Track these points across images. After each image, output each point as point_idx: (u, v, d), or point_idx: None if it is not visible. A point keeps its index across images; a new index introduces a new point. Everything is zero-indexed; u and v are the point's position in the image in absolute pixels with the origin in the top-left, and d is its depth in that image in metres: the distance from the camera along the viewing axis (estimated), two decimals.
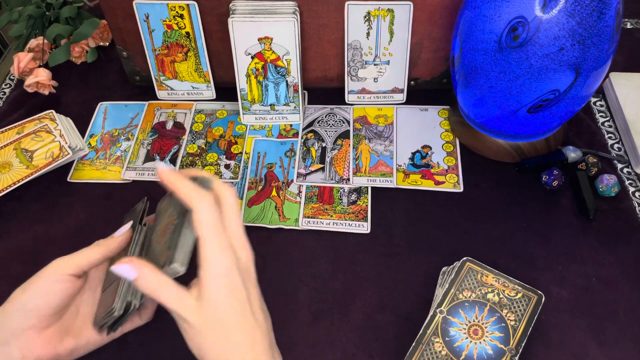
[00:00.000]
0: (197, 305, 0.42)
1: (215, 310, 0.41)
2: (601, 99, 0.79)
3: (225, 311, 0.42)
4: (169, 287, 0.42)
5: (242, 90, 0.73)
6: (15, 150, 0.70)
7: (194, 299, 0.42)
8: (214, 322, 0.41)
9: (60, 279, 0.47)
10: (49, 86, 0.81)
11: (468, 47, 0.61)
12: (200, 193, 0.43)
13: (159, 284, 0.42)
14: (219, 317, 0.42)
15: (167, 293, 0.42)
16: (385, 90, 0.77)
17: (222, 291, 0.42)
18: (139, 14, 0.71)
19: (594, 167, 0.68)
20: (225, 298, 0.42)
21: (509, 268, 0.59)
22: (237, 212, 0.45)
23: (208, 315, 0.41)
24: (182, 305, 0.42)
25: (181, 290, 0.42)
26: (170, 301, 0.42)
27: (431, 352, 0.51)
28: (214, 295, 0.41)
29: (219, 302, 0.42)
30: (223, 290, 0.42)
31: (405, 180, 0.69)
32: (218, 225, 0.42)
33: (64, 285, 0.47)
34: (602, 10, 0.54)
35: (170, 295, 0.42)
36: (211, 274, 0.42)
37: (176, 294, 0.42)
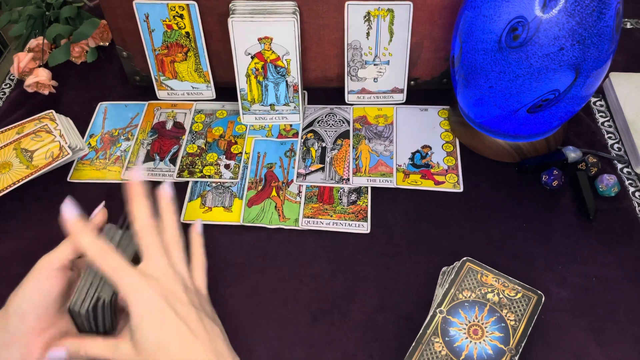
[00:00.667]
0: (131, 345, 0.44)
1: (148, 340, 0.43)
2: (601, 99, 0.79)
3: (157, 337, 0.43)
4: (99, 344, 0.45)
5: (242, 90, 0.73)
6: (15, 150, 0.70)
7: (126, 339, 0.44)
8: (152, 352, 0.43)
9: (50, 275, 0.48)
10: (49, 86, 0.81)
11: (468, 47, 0.61)
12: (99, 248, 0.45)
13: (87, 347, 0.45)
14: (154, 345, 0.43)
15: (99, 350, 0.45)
16: (385, 90, 0.77)
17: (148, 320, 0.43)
18: (139, 14, 0.71)
19: (594, 167, 0.68)
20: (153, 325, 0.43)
21: (509, 268, 0.59)
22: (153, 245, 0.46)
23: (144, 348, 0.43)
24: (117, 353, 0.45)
25: (111, 342, 0.45)
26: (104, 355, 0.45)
27: (431, 352, 0.51)
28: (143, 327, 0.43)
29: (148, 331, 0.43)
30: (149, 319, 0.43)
31: (405, 180, 0.69)
32: (123, 266, 0.44)
33: (55, 280, 0.48)
34: (602, 10, 0.54)
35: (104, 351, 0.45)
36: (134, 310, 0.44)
37: (106, 346, 0.45)
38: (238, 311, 0.59)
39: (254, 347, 0.56)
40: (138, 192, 0.47)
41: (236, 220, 0.66)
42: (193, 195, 0.69)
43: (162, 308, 0.44)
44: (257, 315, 0.58)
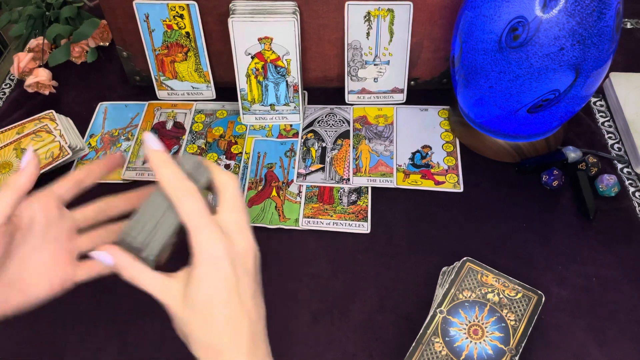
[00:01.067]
0: (182, 291, 0.42)
1: (200, 297, 0.42)
2: (601, 99, 0.79)
3: (209, 298, 0.42)
4: (148, 275, 0.42)
5: (242, 90, 0.73)
6: (15, 150, 0.70)
7: (180, 284, 0.42)
8: (198, 308, 0.42)
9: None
10: (49, 86, 0.81)
11: (468, 47, 0.61)
12: (182, 182, 0.42)
13: (137, 272, 0.42)
14: (203, 304, 0.42)
15: (146, 281, 0.42)
16: (385, 90, 0.77)
17: (209, 278, 0.42)
18: (139, 14, 0.71)
19: (594, 167, 0.68)
20: (211, 285, 0.42)
21: (509, 268, 0.59)
22: (237, 200, 0.44)
23: (192, 301, 0.42)
24: (163, 293, 0.42)
25: (160, 278, 0.43)
26: (151, 289, 0.42)
27: (431, 352, 0.51)
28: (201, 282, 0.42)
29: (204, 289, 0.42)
30: (210, 277, 0.42)
31: (405, 180, 0.69)
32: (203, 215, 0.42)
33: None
34: (602, 10, 0.54)
35: (150, 284, 0.42)
36: (199, 263, 0.42)
37: (158, 282, 0.42)
38: None
39: None
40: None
41: None
42: None
43: (227, 273, 0.42)
44: None
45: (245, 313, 0.43)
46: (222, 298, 0.42)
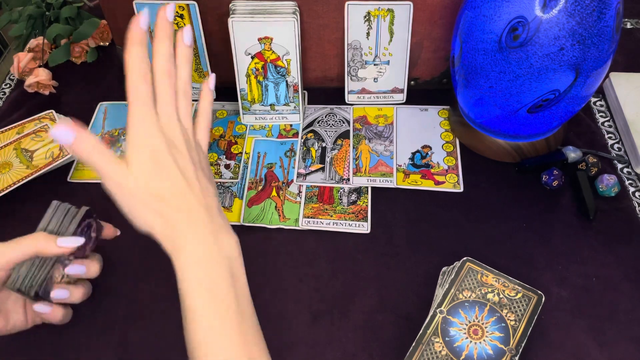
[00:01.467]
0: (128, 170, 0.44)
1: (142, 175, 0.44)
2: (601, 99, 0.79)
3: (151, 173, 0.44)
4: (103, 151, 0.44)
5: (242, 90, 0.73)
6: (15, 150, 0.70)
7: (125, 164, 0.45)
8: (143, 180, 0.44)
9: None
10: (49, 86, 0.81)
11: (468, 47, 0.61)
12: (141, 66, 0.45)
13: (93, 148, 0.44)
14: (146, 181, 0.44)
15: (100, 157, 0.44)
16: (385, 90, 0.77)
17: (143, 163, 0.44)
18: None
19: (594, 167, 0.68)
20: (149, 162, 0.44)
21: (509, 268, 0.59)
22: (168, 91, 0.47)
23: (136, 180, 0.44)
24: (113, 168, 0.44)
25: (113, 156, 0.45)
26: (103, 164, 0.44)
27: (431, 352, 0.51)
28: (137, 161, 0.44)
29: (142, 166, 0.44)
30: (144, 161, 0.44)
31: (405, 180, 0.69)
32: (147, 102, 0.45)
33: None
34: (602, 10, 0.54)
35: (103, 159, 0.44)
36: (131, 142, 0.44)
37: (109, 157, 0.45)
38: None
39: None
40: (166, 31, 0.47)
41: (236, 220, 0.66)
42: None
43: (162, 152, 0.44)
44: (257, 315, 0.58)
45: (188, 187, 0.45)
46: (164, 174, 0.45)
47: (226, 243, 0.46)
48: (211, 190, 0.47)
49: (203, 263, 0.44)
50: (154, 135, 0.45)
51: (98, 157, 0.44)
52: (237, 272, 0.45)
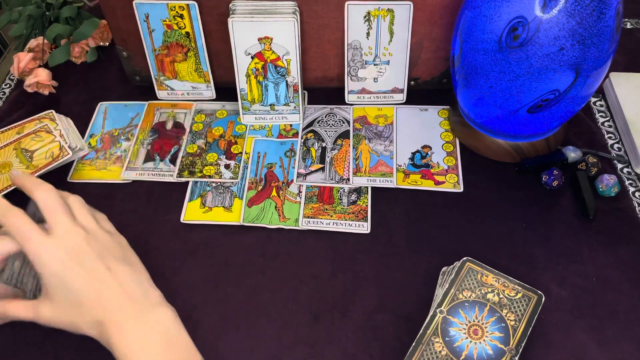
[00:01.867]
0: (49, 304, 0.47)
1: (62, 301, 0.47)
2: (601, 99, 0.79)
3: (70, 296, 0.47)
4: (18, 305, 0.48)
5: (242, 90, 0.73)
6: (15, 150, 0.70)
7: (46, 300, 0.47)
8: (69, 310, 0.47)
9: None
10: (49, 86, 0.81)
11: (468, 47, 0.61)
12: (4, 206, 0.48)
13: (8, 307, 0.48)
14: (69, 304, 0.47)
15: (18, 311, 0.48)
16: (385, 90, 0.77)
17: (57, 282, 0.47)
18: (139, 14, 0.71)
19: (594, 167, 0.68)
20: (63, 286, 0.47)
21: (509, 268, 0.59)
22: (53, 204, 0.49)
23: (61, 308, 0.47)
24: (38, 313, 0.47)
25: (30, 303, 0.48)
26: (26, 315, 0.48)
27: (431, 352, 0.51)
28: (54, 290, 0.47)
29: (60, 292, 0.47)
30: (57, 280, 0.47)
31: (405, 180, 0.69)
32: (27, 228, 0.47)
33: None
34: (602, 10, 0.54)
35: (22, 310, 0.48)
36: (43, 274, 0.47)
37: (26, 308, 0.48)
38: (238, 311, 0.59)
39: (254, 347, 0.56)
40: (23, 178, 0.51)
41: (236, 220, 0.66)
42: (193, 195, 0.69)
43: (68, 266, 0.46)
44: (257, 315, 0.58)
45: (102, 285, 0.47)
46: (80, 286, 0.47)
47: (159, 318, 0.48)
48: (127, 272, 0.49)
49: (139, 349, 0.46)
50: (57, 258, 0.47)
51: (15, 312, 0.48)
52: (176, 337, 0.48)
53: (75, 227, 0.49)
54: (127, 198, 0.69)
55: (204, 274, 0.62)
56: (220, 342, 0.56)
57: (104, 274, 0.48)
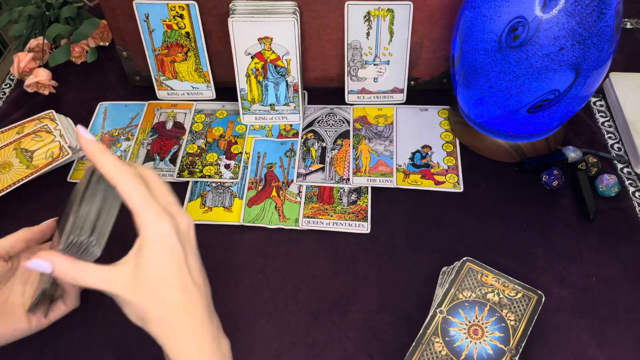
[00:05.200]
0: (132, 275, 0.42)
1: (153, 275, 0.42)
2: (601, 99, 0.79)
3: (162, 273, 0.43)
4: (90, 271, 0.43)
5: (242, 90, 0.73)
6: (15, 150, 0.70)
7: (129, 269, 0.43)
8: (151, 287, 0.42)
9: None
10: (49, 86, 0.81)
11: (468, 47, 0.61)
12: (122, 167, 0.43)
13: (78, 271, 0.43)
14: (156, 280, 0.43)
15: (89, 277, 0.43)
16: (385, 90, 0.77)
17: (159, 255, 0.43)
18: (139, 14, 0.71)
19: (594, 167, 0.68)
20: (162, 261, 0.43)
21: (509, 268, 0.59)
22: (164, 185, 0.46)
23: (145, 282, 0.42)
24: (110, 283, 0.43)
25: (105, 269, 0.43)
26: (97, 284, 0.43)
27: (431, 352, 0.51)
28: (152, 260, 0.42)
29: (156, 265, 0.43)
30: (160, 254, 0.43)
31: (405, 180, 0.69)
32: (147, 194, 0.43)
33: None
34: (602, 10, 0.54)
35: (95, 278, 0.43)
36: (148, 242, 0.42)
37: (100, 275, 0.43)
38: (238, 311, 0.59)
39: (254, 347, 0.56)
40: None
41: (236, 220, 0.66)
42: (193, 195, 0.69)
43: (176, 249, 0.43)
44: (257, 315, 0.58)
45: (195, 286, 0.44)
46: (174, 273, 0.43)
47: (224, 345, 0.45)
48: (209, 288, 0.46)
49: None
50: (171, 237, 0.43)
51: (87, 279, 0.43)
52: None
53: (186, 211, 0.45)
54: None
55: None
56: None
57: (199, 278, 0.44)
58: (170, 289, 0.43)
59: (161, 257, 0.43)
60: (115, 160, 0.43)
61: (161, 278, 0.42)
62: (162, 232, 0.43)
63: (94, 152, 0.44)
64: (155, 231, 0.42)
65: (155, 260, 0.42)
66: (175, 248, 0.43)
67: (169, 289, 0.43)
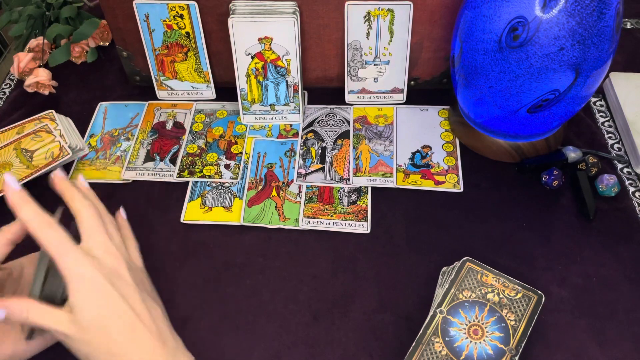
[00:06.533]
0: (70, 316, 0.43)
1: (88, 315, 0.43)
2: (601, 99, 0.79)
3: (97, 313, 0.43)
4: (37, 308, 0.44)
5: (242, 90, 0.73)
6: (15, 150, 0.70)
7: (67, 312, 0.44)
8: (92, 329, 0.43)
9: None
10: (49, 86, 0.81)
11: (468, 47, 0.61)
12: (40, 219, 0.45)
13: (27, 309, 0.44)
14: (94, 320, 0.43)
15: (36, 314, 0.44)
16: (385, 90, 0.77)
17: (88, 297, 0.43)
18: (139, 14, 0.71)
19: (594, 167, 0.68)
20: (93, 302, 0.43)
21: (509, 268, 0.59)
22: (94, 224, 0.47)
23: (83, 322, 0.43)
24: (54, 320, 0.44)
25: (50, 308, 0.44)
26: (42, 320, 0.44)
27: (431, 352, 0.51)
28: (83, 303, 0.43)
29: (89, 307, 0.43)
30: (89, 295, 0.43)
31: (405, 180, 0.69)
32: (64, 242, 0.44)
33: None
34: (602, 10, 0.54)
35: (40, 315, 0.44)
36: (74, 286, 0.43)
37: (45, 312, 0.44)
38: (238, 311, 0.59)
39: (254, 347, 0.56)
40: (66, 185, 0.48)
41: (236, 220, 0.66)
42: (193, 195, 0.69)
43: (104, 288, 0.44)
44: (257, 315, 0.58)
45: (137, 316, 0.44)
46: (110, 309, 0.43)
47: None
48: (159, 311, 0.47)
49: None
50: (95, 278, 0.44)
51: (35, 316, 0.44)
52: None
53: (116, 251, 0.46)
54: (127, 198, 0.69)
55: (204, 274, 0.62)
56: (221, 342, 0.56)
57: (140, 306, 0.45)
58: (111, 328, 0.43)
59: (91, 298, 0.43)
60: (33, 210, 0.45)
61: (98, 318, 0.43)
62: (84, 275, 0.43)
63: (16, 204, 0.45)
64: (76, 275, 0.43)
65: (86, 303, 0.43)
66: (103, 286, 0.44)
67: (109, 326, 0.43)
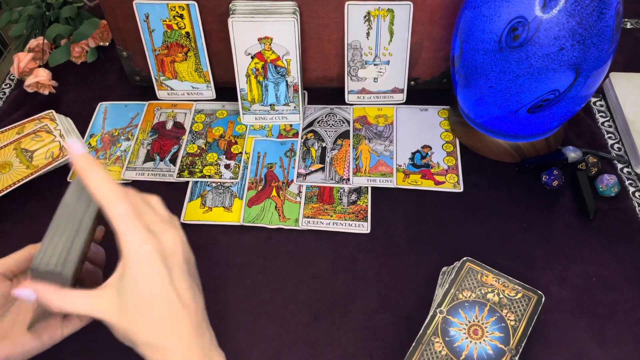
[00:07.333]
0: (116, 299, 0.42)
1: (137, 298, 0.42)
2: (601, 99, 0.79)
3: (146, 298, 0.42)
4: (74, 298, 0.43)
5: (242, 90, 0.73)
6: (15, 150, 0.70)
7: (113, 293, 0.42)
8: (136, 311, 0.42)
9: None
10: (49, 86, 0.81)
11: (468, 47, 0.61)
12: (110, 186, 0.43)
13: (61, 299, 0.43)
14: (141, 304, 0.42)
15: (76, 304, 0.43)
16: (385, 90, 0.77)
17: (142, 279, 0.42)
18: (139, 14, 0.71)
19: (594, 167, 0.68)
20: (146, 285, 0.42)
21: (509, 268, 0.59)
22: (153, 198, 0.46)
23: (129, 305, 0.42)
24: (94, 309, 0.42)
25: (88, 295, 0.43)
26: (84, 310, 0.43)
27: (431, 352, 0.51)
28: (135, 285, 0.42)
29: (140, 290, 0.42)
30: (144, 278, 0.42)
31: (405, 180, 0.69)
32: (131, 215, 0.42)
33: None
34: (602, 10, 0.54)
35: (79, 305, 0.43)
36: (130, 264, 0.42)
37: (84, 301, 0.43)
38: (238, 311, 0.59)
39: (254, 347, 0.56)
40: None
41: (236, 220, 0.66)
42: (193, 195, 0.69)
43: (159, 270, 0.42)
44: (257, 315, 0.58)
45: (183, 306, 0.43)
46: (159, 295, 0.43)
47: None
48: (202, 304, 0.46)
49: None
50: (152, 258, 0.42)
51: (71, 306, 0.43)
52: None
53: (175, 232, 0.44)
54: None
55: (204, 274, 0.61)
56: (220, 342, 0.56)
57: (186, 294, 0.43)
58: (156, 312, 0.42)
59: (144, 281, 0.42)
60: (103, 178, 0.42)
61: (146, 302, 0.42)
62: (144, 255, 0.42)
63: (83, 168, 0.43)
64: (137, 254, 0.42)
65: (138, 285, 0.42)
66: (158, 270, 0.42)
67: (155, 313, 0.42)
